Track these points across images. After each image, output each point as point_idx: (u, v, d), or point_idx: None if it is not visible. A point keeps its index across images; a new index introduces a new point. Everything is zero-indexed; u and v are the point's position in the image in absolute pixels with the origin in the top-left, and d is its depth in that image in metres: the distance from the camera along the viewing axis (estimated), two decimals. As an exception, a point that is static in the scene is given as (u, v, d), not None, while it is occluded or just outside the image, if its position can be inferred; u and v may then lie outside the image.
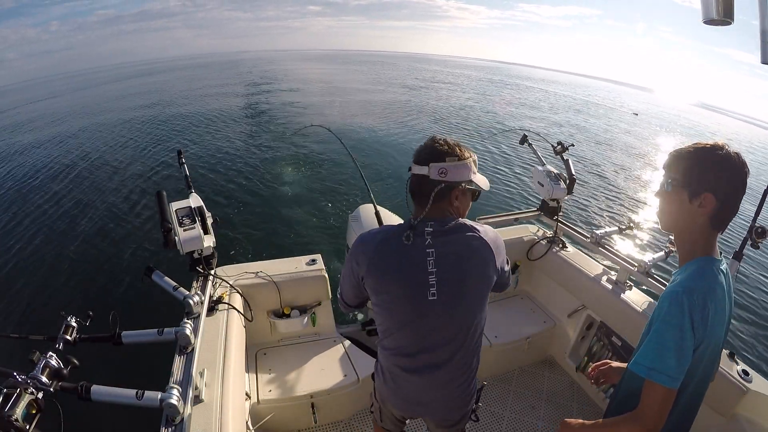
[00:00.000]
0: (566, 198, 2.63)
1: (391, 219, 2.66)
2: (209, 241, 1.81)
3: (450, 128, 13.13)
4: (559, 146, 2.60)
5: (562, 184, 2.55)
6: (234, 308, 1.82)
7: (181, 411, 1.19)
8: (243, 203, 6.75)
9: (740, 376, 1.57)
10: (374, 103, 18.14)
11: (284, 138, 10.98)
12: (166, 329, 1.45)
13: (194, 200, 1.87)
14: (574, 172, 2.58)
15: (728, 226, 0.97)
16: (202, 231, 1.75)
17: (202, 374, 1.37)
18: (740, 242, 1.62)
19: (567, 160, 2.60)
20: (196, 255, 1.80)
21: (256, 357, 2.22)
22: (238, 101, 18.57)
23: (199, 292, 1.73)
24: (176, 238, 1.68)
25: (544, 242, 2.65)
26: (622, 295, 2.12)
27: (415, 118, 14.45)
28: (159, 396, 1.18)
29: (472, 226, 1.04)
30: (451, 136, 1.06)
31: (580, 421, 1.03)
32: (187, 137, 11.54)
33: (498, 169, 9.31)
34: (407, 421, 1.37)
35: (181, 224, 1.72)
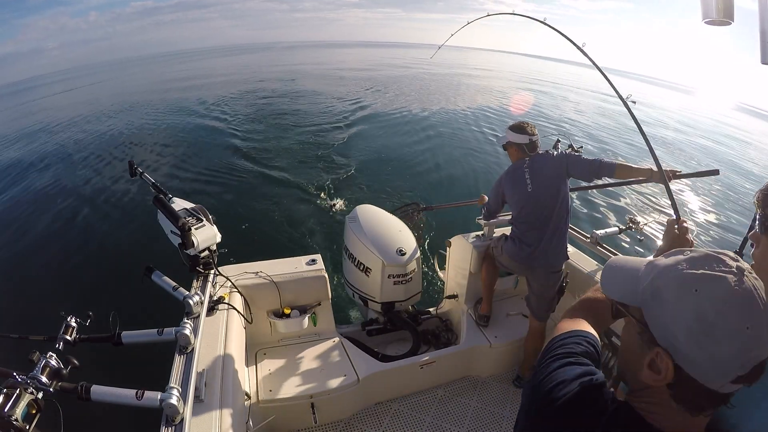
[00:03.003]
0: None
1: (391, 219, 2.67)
2: (219, 236, 1.83)
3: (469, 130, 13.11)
4: (570, 149, 2.65)
5: None
6: (234, 308, 1.82)
7: (181, 411, 1.19)
8: (243, 203, 6.74)
9: None
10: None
11: (289, 138, 10.97)
12: (166, 329, 1.44)
13: (183, 203, 1.88)
14: None
15: (727, 226, 0.91)
16: (215, 226, 1.78)
17: (202, 374, 1.37)
18: (740, 242, 1.62)
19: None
20: (204, 254, 1.80)
21: (256, 357, 2.22)
22: (242, 98, 18.53)
23: (199, 292, 1.73)
24: (193, 238, 1.69)
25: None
26: None
27: (436, 113, 14.40)
28: (159, 396, 1.18)
29: None
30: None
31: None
32: (181, 137, 11.53)
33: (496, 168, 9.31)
34: None
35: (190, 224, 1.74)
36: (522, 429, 0.71)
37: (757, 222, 0.78)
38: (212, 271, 1.88)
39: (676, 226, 1.16)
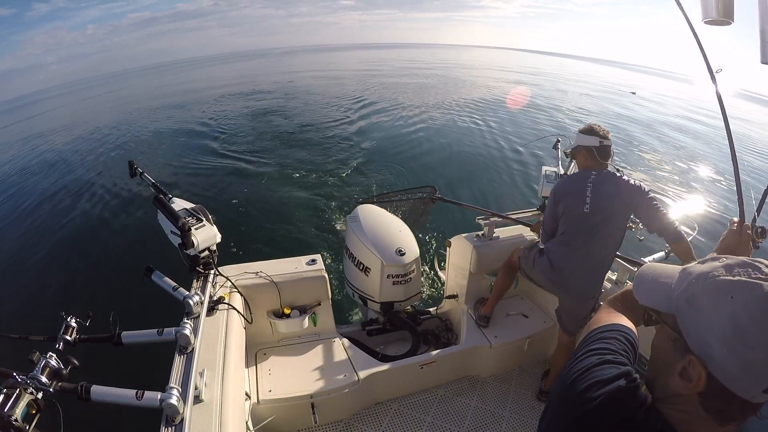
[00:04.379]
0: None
1: (391, 219, 2.67)
2: (219, 236, 1.83)
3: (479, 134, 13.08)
4: (570, 149, 2.66)
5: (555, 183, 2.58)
6: (234, 308, 1.82)
7: (181, 411, 1.19)
8: (243, 204, 6.75)
9: None
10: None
11: (288, 138, 10.98)
12: (166, 329, 1.44)
13: (182, 203, 1.88)
14: (568, 173, 2.61)
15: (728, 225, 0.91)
16: (215, 226, 1.78)
17: (202, 374, 1.37)
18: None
19: (571, 161, 2.65)
20: (204, 254, 1.80)
21: (256, 357, 2.22)
22: (241, 102, 18.55)
23: (199, 292, 1.73)
24: (193, 238, 1.70)
25: (544, 242, 2.65)
26: None
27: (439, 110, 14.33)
28: (159, 396, 1.18)
29: None
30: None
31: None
32: (181, 140, 11.53)
33: (501, 168, 9.31)
34: None
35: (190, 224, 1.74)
36: (550, 422, 0.69)
37: None
38: (212, 271, 1.88)
39: (734, 226, 1.10)
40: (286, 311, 2.20)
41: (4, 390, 0.99)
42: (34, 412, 1.01)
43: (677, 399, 0.59)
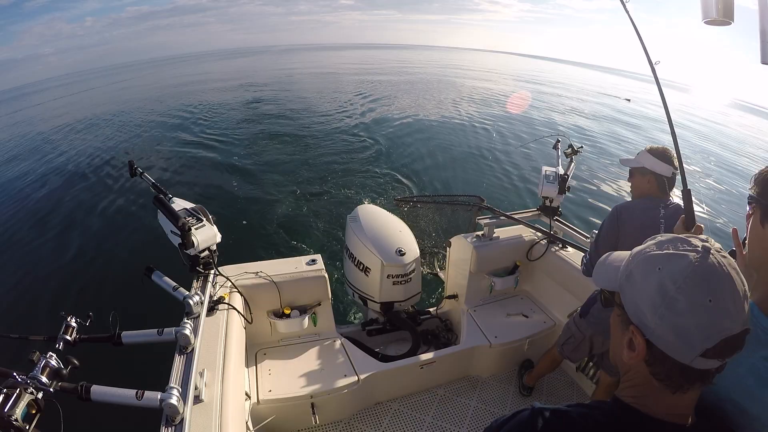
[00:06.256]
0: (562, 198, 2.65)
1: (392, 220, 2.67)
2: (219, 236, 1.83)
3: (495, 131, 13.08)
4: (570, 149, 2.67)
5: (555, 184, 2.59)
6: (234, 308, 1.82)
7: (181, 411, 1.19)
8: (243, 203, 6.74)
9: None
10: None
11: (289, 138, 10.98)
12: (166, 329, 1.45)
13: (183, 203, 1.88)
14: (568, 173, 2.61)
15: (727, 224, 0.92)
16: (215, 226, 1.78)
17: (202, 374, 1.37)
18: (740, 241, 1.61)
19: (570, 161, 2.66)
20: (204, 254, 1.80)
21: (256, 357, 2.22)
22: (240, 100, 18.52)
23: (199, 292, 1.73)
24: (193, 238, 1.70)
25: (543, 242, 2.66)
26: None
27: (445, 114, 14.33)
28: (159, 396, 1.18)
29: None
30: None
31: None
32: (180, 139, 11.51)
33: (503, 168, 9.32)
34: None
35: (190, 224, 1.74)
36: None
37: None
38: (212, 271, 1.88)
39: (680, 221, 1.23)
40: (286, 311, 2.20)
41: (4, 390, 0.99)
42: (34, 412, 1.01)
43: (632, 374, 0.63)
